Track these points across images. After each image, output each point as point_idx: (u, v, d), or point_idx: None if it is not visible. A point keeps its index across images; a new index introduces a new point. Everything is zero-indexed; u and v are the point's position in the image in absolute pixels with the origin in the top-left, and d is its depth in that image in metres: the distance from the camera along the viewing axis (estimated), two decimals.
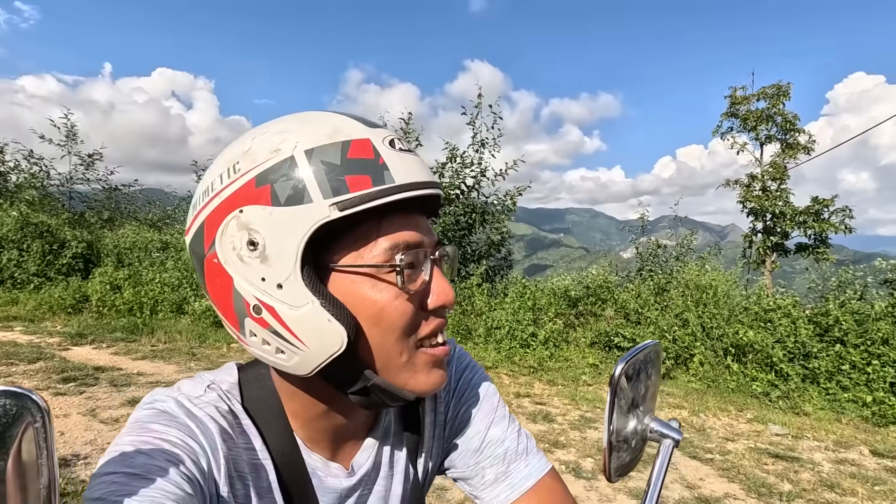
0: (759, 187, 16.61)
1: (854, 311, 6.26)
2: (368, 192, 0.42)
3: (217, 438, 0.48)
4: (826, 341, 6.14)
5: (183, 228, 12.72)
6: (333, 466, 0.55)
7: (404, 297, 0.46)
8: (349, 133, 0.45)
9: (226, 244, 0.44)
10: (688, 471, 3.61)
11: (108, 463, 0.42)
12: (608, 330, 7.11)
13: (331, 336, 0.43)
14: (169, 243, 10.87)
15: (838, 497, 3.33)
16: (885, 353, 5.72)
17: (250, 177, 0.43)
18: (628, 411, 0.53)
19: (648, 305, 7.40)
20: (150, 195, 17.11)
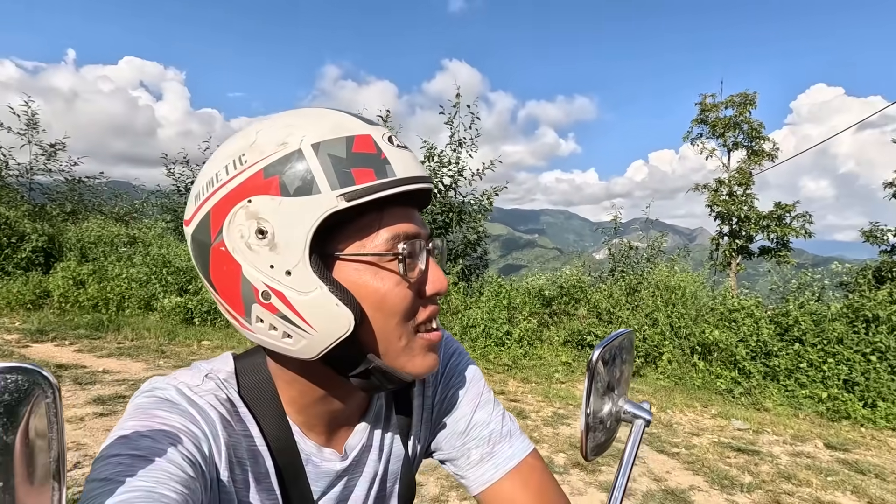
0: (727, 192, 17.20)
1: (812, 311, 6.57)
2: (373, 185, 0.45)
3: (218, 425, 0.49)
4: (786, 340, 6.41)
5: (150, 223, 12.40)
6: (327, 452, 0.57)
7: (404, 284, 0.48)
8: (352, 129, 0.47)
9: (234, 233, 0.45)
10: (655, 464, 3.73)
11: (113, 445, 0.43)
12: (581, 329, 7.26)
13: (338, 320, 0.45)
14: (137, 238, 10.55)
15: (794, 488, 3.50)
16: (839, 352, 6.02)
17: (258, 168, 0.45)
18: (604, 394, 0.56)
19: (620, 305, 7.59)
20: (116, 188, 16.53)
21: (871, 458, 4.23)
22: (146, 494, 0.39)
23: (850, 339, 6.12)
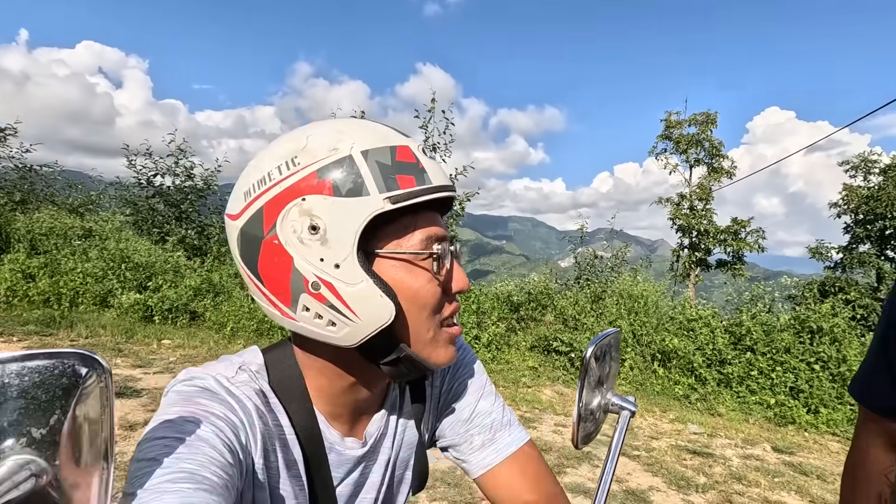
0: (688, 206, 17.94)
1: (763, 322, 6.95)
2: (414, 190, 0.50)
3: (254, 415, 0.52)
4: (739, 349, 6.76)
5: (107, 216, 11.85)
6: (349, 441, 0.61)
7: (435, 281, 0.53)
8: (393, 140, 0.53)
9: (287, 228, 0.49)
10: (621, 468, 3.87)
11: (158, 428, 0.46)
12: (548, 334, 7.41)
13: (381, 310, 0.50)
14: (93, 231, 10.09)
15: (745, 488, 3.70)
16: (786, 361, 6.39)
17: (311, 170, 0.49)
18: (595, 388, 0.62)
19: (585, 312, 7.80)
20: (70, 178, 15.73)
21: (814, 460, 4.51)
22: (190, 476, 0.42)
23: (796, 348, 6.51)
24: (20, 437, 0.34)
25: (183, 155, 11.75)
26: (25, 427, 0.34)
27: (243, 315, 7.32)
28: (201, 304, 7.71)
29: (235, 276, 8.81)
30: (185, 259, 9.31)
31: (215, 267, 9.29)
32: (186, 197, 11.85)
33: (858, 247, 17.38)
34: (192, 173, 11.97)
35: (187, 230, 11.36)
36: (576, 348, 6.90)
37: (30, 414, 0.34)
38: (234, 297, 7.79)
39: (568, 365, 6.89)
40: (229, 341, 6.85)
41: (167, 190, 11.76)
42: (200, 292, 7.95)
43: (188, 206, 11.80)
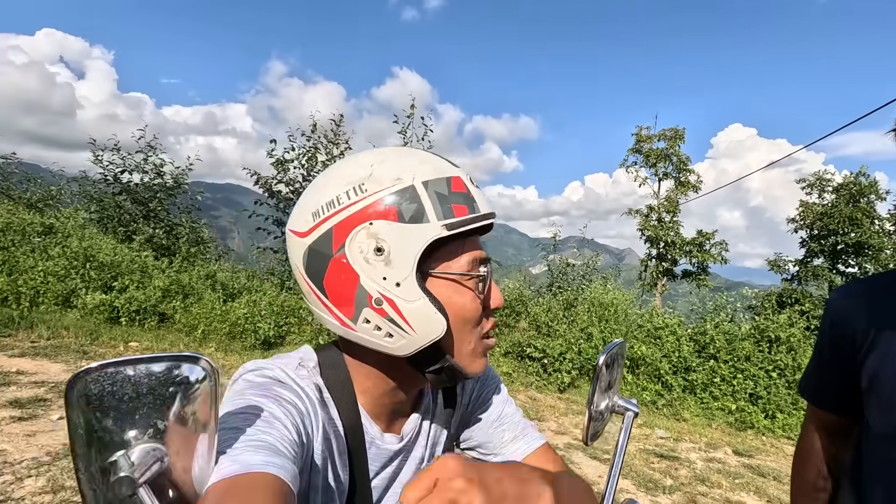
0: (656, 218, 18.53)
1: (725, 331, 7.26)
2: (466, 218, 0.56)
3: (316, 405, 0.59)
4: (703, 357, 7.04)
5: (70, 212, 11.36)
6: (388, 436, 0.67)
7: (478, 300, 0.60)
8: (448, 171, 0.59)
9: (354, 248, 0.54)
10: (589, 469, 3.99)
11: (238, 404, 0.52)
12: (521, 341, 7.53)
13: (435, 325, 0.55)
14: (55, 227, 9.68)
15: (708, 489, 3.88)
16: (747, 369, 6.70)
17: (377, 197, 0.55)
18: (604, 391, 0.69)
19: (558, 319, 7.96)
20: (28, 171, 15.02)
21: (771, 462, 4.76)
22: (269, 446, 0.47)
23: (756, 357, 6.83)
24: (147, 427, 0.40)
25: (153, 151, 11.42)
26: (152, 419, 0.40)
27: (215, 318, 7.17)
28: (170, 305, 7.50)
29: (207, 277, 8.61)
30: (152, 259, 9.03)
31: (185, 268, 9.05)
32: (155, 195, 11.50)
33: (813, 261, 18.33)
34: (162, 171, 11.64)
35: (155, 229, 11.03)
36: (548, 354, 7.04)
37: (154, 408, 0.40)
38: (206, 300, 7.62)
39: (541, 371, 7.03)
40: (200, 344, 6.70)
41: (135, 187, 11.39)
42: (169, 293, 7.74)
43: (157, 205, 11.46)
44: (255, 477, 0.44)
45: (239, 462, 0.45)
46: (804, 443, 1.01)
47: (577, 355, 7.08)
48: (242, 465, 0.44)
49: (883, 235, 17.12)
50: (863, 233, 16.83)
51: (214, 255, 12.06)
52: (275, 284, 9.17)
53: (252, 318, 7.24)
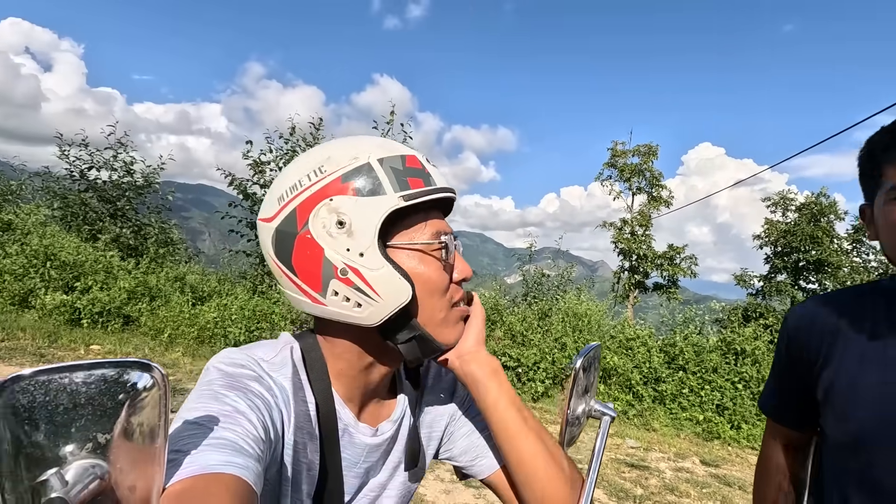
0: (629, 231, 18.92)
1: (694, 343, 7.42)
2: (423, 190, 0.59)
3: (290, 394, 0.58)
4: (672, 368, 7.17)
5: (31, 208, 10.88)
6: (362, 426, 0.66)
7: (443, 269, 0.62)
8: (402, 151, 0.62)
9: (318, 224, 0.57)
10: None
11: (202, 398, 0.51)
12: (496, 350, 7.55)
13: (401, 290, 0.57)
14: (13, 224, 9.26)
15: (677, 499, 3.93)
16: (714, 380, 6.86)
17: (336, 175, 0.58)
18: (581, 396, 0.69)
19: (532, 329, 8.01)
20: None
21: (736, 472, 4.86)
22: (231, 444, 0.46)
23: (722, 368, 7.00)
24: (86, 441, 0.36)
25: (123, 149, 11.09)
26: (91, 432, 0.36)
27: (183, 321, 6.96)
28: (136, 308, 7.25)
29: (175, 279, 8.36)
30: (118, 259, 8.72)
31: (152, 269, 8.78)
32: (124, 193, 11.15)
33: (777, 276, 19.02)
34: (132, 169, 11.30)
35: (122, 228, 10.67)
36: (523, 363, 7.07)
37: (95, 420, 0.36)
38: (174, 302, 7.39)
39: (515, 380, 7.04)
40: (166, 348, 6.48)
41: (103, 185, 11.01)
42: (135, 295, 7.48)
43: (125, 204, 11.10)
44: (214, 478, 0.42)
45: (198, 462, 0.43)
46: (764, 458, 1.04)
47: (551, 365, 7.13)
48: (201, 466, 0.43)
49: (841, 254, 17.91)
50: (823, 251, 17.56)
51: (184, 257, 11.73)
52: (247, 288, 8.97)
53: (222, 323, 7.05)
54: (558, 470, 0.64)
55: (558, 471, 0.64)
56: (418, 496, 3.36)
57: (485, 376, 0.65)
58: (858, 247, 18.27)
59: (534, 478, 0.64)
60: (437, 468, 3.77)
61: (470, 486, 3.57)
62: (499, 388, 0.65)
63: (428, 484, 3.56)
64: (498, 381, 0.65)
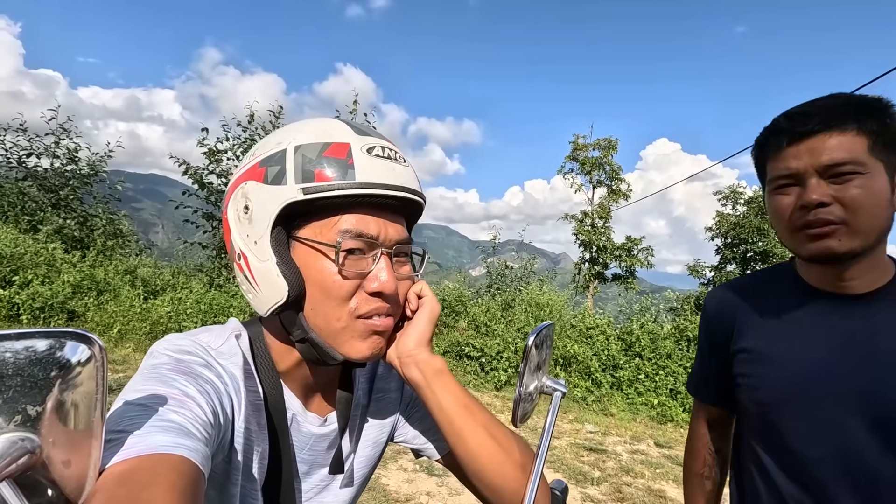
0: (590, 223, 19.39)
1: (650, 331, 7.71)
2: (330, 184, 0.53)
3: (240, 381, 0.56)
4: (629, 355, 7.43)
5: None
6: (310, 415, 0.65)
7: (341, 273, 0.55)
8: (334, 136, 0.56)
9: (232, 207, 0.59)
10: None
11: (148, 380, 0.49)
12: (461, 340, 7.61)
13: (277, 289, 0.55)
14: None
15: (632, 479, 4.09)
16: (668, 366, 7.15)
17: (258, 160, 0.57)
18: (533, 372, 0.70)
19: (496, 319, 8.12)
20: None
21: None
22: (180, 428, 0.44)
23: (676, 354, 7.31)
24: (15, 414, 0.34)
25: (66, 135, 10.42)
26: (21, 404, 0.34)
27: (133, 316, 6.65)
28: (82, 302, 6.87)
29: (125, 272, 7.98)
30: (62, 252, 8.23)
31: (100, 262, 8.33)
32: (67, 182, 10.49)
33: (727, 266, 19.96)
34: (77, 156, 10.64)
35: (66, 219, 10.05)
36: (486, 353, 7.15)
37: (25, 391, 0.34)
38: (123, 297, 7.05)
39: (479, 370, 7.12)
40: (116, 344, 6.18)
41: (43, 173, 10.33)
42: (81, 290, 7.09)
43: (69, 193, 10.45)
44: (161, 458, 0.41)
45: (144, 443, 0.41)
46: (692, 436, 1.10)
47: (513, 354, 7.24)
48: (147, 446, 0.41)
49: None
50: (768, 242, 18.55)
51: (135, 250, 11.18)
52: (203, 282, 8.65)
53: (176, 317, 6.79)
54: (508, 460, 0.63)
55: (508, 461, 0.62)
56: (380, 486, 3.35)
57: (426, 380, 0.61)
58: None
59: (482, 470, 0.62)
60: (399, 458, 3.78)
61: (433, 474, 3.59)
62: (443, 389, 0.61)
63: (390, 474, 3.56)
64: (441, 382, 0.61)
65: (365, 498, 3.16)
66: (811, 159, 0.79)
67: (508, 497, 0.62)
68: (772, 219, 0.88)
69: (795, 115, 0.82)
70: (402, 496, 3.28)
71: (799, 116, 0.81)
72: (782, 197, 0.83)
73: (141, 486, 0.38)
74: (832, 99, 0.82)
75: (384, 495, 3.24)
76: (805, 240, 0.81)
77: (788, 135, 0.82)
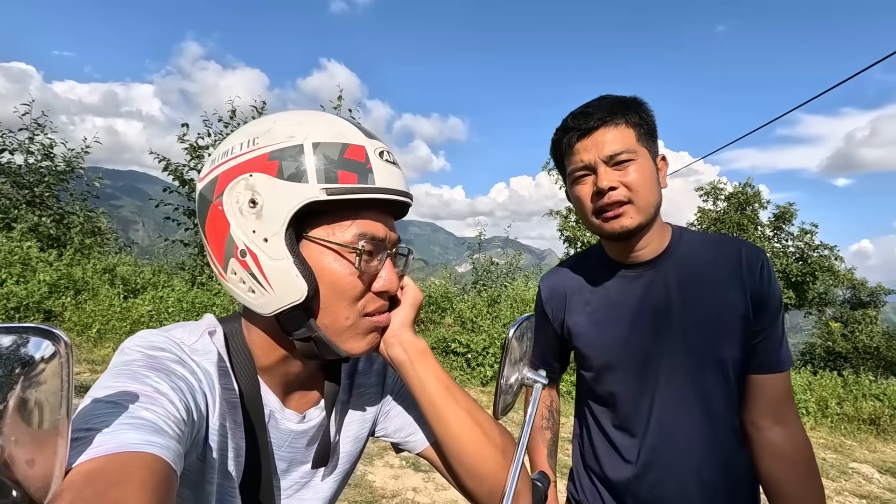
0: (574, 219, 19.55)
1: None
2: (352, 187, 0.54)
3: (215, 378, 0.55)
4: None
5: None
6: (288, 412, 0.64)
7: (357, 274, 0.57)
8: (350, 138, 0.56)
9: (231, 197, 0.54)
10: None
11: (119, 377, 0.47)
12: (447, 336, 7.62)
13: (294, 288, 0.54)
14: None
15: None
16: None
17: (265, 151, 0.54)
18: (514, 364, 0.70)
19: (482, 315, 8.15)
20: None
21: None
22: (151, 425, 0.43)
23: None
24: None
25: (40, 130, 10.15)
26: None
27: (113, 315, 6.52)
28: (59, 302, 6.71)
29: (104, 271, 7.81)
30: (37, 251, 8.02)
31: (77, 261, 8.14)
32: (42, 179, 10.22)
33: None
34: (52, 152, 10.37)
35: (42, 217, 9.79)
36: (472, 349, 7.18)
37: None
38: (102, 296, 6.90)
39: (465, 365, 7.15)
40: (95, 344, 6.06)
41: (17, 169, 10.05)
42: (58, 289, 6.92)
43: (44, 190, 10.18)
44: (131, 456, 0.39)
45: (114, 441, 0.40)
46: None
47: (499, 350, 7.28)
48: (117, 444, 0.40)
49: (764, 240, 19.39)
50: (748, 237, 18.93)
51: (114, 248, 10.96)
52: (185, 280, 8.52)
53: (157, 316, 6.67)
54: (489, 443, 0.64)
55: (489, 444, 0.64)
56: (367, 482, 3.35)
57: (410, 358, 0.62)
58: (779, 233, 19.87)
59: (464, 453, 0.63)
60: (386, 454, 3.78)
61: (419, 470, 3.60)
62: (426, 369, 0.63)
63: (377, 470, 3.56)
64: (424, 362, 0.63)
65: (352, 494, 3.16)
66: (597, 151, 0.94)
67: (489, 482, 0.63)
68: (575, 206, 1.02)
69: (580, 115, 0.96)
70: (389, 492, 3.28)
71: (583, 116, 0.96)
72: (581, 186, 0.98)
73: (109, 484, 0.37)
74: (603, 100, 0.97)
75: (370, 491, 3.24)
76: (603, 223, 0.96)
77: (578, 132, 0.96)
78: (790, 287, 19.25)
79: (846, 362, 15.55)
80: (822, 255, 19.40)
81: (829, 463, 4.97)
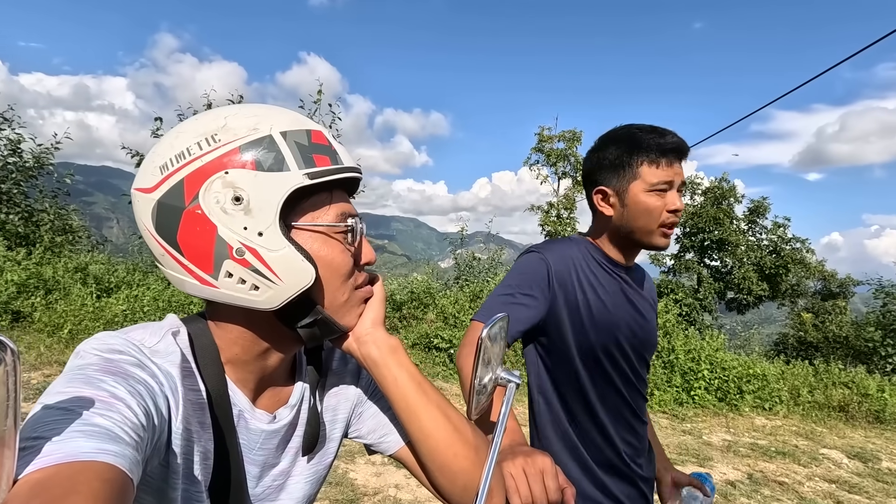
0: (555, 214, 19.70)
1: None
2: (329, 168, 0.56)
3: (177, 380, 0.54)
4: None
5: None
6: (258, 412, 0.63)
7: (347, 252, 0.60)
8: (307, 124, 0.58)
9: (210, 199, 0.52)
10: None
11: (72, 381, 0.45)
12: (429, 332, 7.62)
13: (302, 273, 0.55)
14: None
15: None
16: None
17: (233, 146, 0.53)
18: (487, 364, 0.70)
19: (464, 311, 8.17)
20: None
21: None
22: (106, 432, 0.41)
23: None
24: None
25: (7, 124, 9.78)
26: None
27: (86, 315, 6.34)
28: (28, 302, 6.50)
29: (76, 270, 7.59)
30: (4, 249, 7.75)
31: (47, 259, 7.90)
32: (9, 175, 9.86)
33: (685, 255, 20.71)
34: (19, 148, 10.01)
35: (9, 215, 9.46)
36: (455, 344, 7.20)
37: None
38: (74, 295, 6.71)
39: (447, 361, 7.16)
40: (67, 346, 5.89)
41: None
42: (27, 289, 6.71)
43: (11, 187, 9.82)
44: (82, 466, 0.38)
45: (64, 450, 0.38)
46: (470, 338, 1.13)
47: None
48: (67, 454, 0.38)
49: (739, 233, 19.85)
50: (724, 231, 19.35)
51: (87, 246, 10.63)
52: (161, 278, 8.32)
53: (132, 316, 6.52)
54: (461, 440, 0.64)
55: (461, 441, 0.64)
56: (348, 480, 3.34)
57: (382, 356, 0.63)
58: (753, 227, 20.36)
59: (436, 450, 0.63)
60: None
61: (401, 466, 3.61)
62: (397, 366, 0.63)
63: (358, 468, 3.55)
64: (396, 359, 0.64)
65: (333, 493, 3.14)
66: (679, 177, 1.12)
67: (462, 478, 0.63)
68: (640, 211, 1.11)
69: (678, 143, 1.11)
70: (371, 489, 3.27)
71: (678, 144, 1.11)
72: (657, 197, 1.11)
73: (58, 496, 0.35)
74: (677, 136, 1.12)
75: (352, 489, 3.23)
76: (661, 235, 1.13)
77: (676, 154, 1.11)
78: (764, 279, 19.76)
79: (817, 352, 16.03)
80: (795, 247, 19.95)
81: (801, 450, 5.14)
